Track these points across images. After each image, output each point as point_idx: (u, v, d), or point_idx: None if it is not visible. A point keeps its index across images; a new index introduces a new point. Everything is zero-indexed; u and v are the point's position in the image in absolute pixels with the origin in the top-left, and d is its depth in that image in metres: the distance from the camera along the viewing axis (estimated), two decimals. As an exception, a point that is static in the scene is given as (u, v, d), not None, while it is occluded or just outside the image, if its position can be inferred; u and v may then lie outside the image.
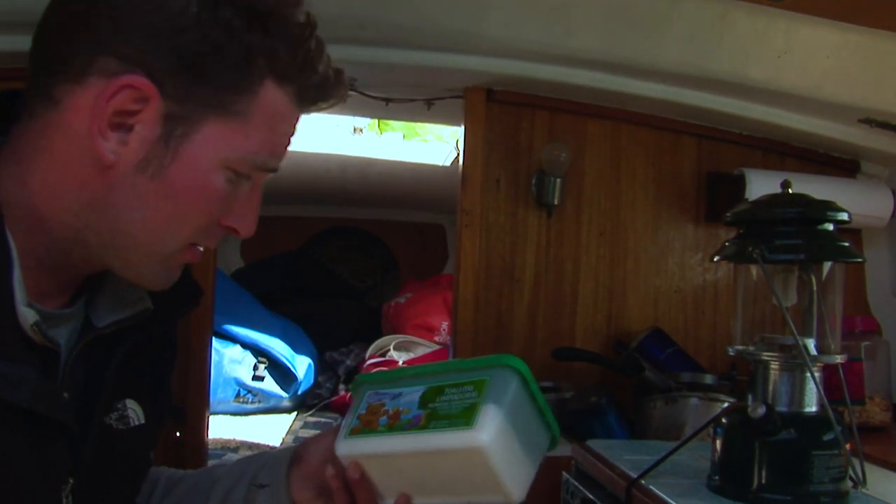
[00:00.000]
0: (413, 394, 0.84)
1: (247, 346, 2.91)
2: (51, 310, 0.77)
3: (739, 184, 1.80)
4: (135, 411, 0.85)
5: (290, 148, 0.81)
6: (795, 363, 1.02)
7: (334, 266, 3.96)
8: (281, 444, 2.37)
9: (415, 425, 0.81)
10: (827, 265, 1.06)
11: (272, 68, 0.73)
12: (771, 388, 1.04)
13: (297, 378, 2.92)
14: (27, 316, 0.71)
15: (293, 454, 0.96)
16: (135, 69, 0.69)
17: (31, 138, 0.73)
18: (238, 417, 2.71)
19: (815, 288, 1.05)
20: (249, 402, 2.85)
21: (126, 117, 0.70)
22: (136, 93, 0.70)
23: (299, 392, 2.96)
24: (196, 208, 0.75)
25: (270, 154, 0.77)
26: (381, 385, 0.89)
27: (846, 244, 1.02)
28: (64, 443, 0.74)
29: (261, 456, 1.00)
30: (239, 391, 2.85)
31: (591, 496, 1.22)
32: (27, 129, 0.74)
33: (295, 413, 2.90)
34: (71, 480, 0.75)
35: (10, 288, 0.70)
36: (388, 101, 2.03)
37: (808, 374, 1.01)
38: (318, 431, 2.55)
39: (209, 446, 1.84)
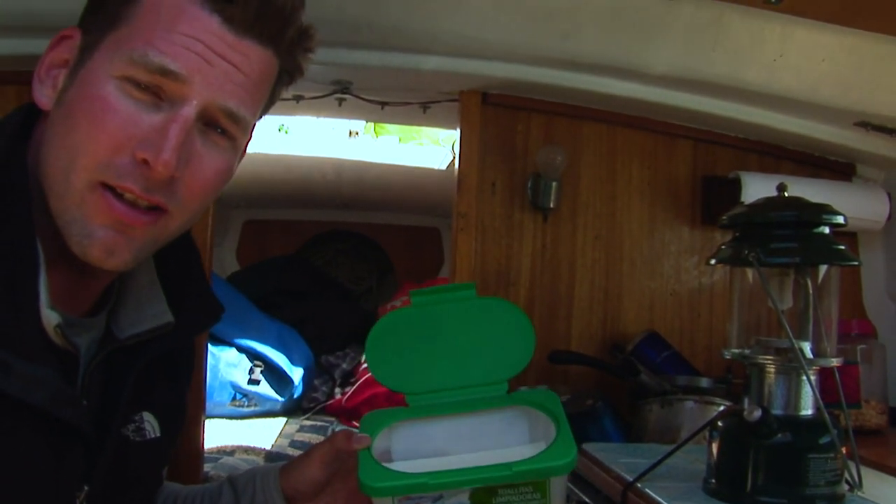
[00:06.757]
0: (458, 496, 0.75)
1: (242, 349, 2.90)
2: (72, 317, 0.76)
3: (735, 187, 1.80)
4: (151, 424, 0.85)
5: (235, 86, 0.76)
6: (791, 366, 1.02)
7: (330, 269, 3.95)
8: (274, 445, 2.36)
9: None
10: (822, 268, 1.06)
11: None
12: (766, 391, 1.04)
13: (292, 382, 2.92)
14: (50, 318, 0.71)
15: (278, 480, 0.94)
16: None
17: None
18: (234, 421, 2.70)
19: (810, 291, 1.05)
20: (245, 406, 2.84)
21: (62, 66, 0.76)
22: (70, 41, 0.77)
23: (295, 396, 2.96)
24: (93, 128, 0.71)
25: (148, 45, 0.71)
26: (409, 489, 0.76)
27: (842, 247, 1.02)
28: (80, 448, 0.74)
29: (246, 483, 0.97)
30: (235, 395, 2.84)
31: (586, 499, 1.22)
32: None
33: (291, 417, 2.89)
34: (86, 487, 0.75)
35: (36, 289, 0.70)
36: (383, 104, 2.03)
37: (804, 378, 1.01)
38: (313, 435, 2.54)
39: (205, 450, 1.83)
